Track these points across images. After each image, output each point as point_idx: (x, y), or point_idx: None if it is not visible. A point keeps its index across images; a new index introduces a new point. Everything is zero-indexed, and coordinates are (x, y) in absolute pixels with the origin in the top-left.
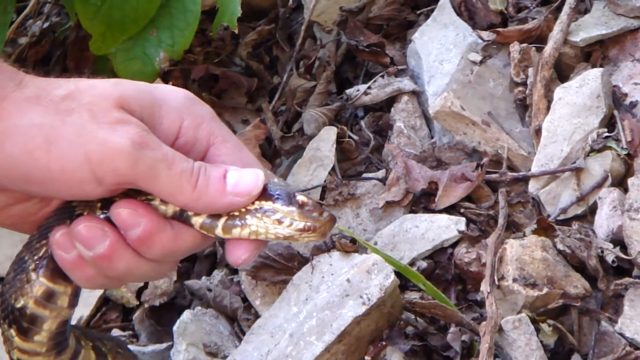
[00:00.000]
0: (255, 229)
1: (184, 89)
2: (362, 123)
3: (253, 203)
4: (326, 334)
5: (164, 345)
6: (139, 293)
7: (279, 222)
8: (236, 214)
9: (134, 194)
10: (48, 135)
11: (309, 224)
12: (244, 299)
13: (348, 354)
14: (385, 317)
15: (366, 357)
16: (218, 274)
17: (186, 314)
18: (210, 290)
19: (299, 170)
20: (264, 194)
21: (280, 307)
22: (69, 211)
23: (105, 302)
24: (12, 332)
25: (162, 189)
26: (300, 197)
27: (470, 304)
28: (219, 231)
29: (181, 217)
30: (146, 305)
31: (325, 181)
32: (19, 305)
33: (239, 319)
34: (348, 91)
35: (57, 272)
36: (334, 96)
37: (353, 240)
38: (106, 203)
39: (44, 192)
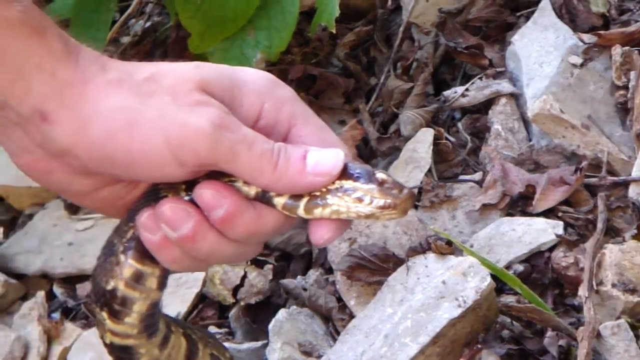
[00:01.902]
0: (336, 208)
1: (266, 72)
2: (459, 125)
3: (334, 183)
4: (421, 336)
5: (260, 343)
6: (235, 291)
7: (360, 200)
8: (317, 194)
9: (217, 175)
10: (130, 118)
11: (388, 201)
12: (339, 299)
13: (443, 356)
14: (480, 320)
15: None
16: (313, 274)
17: (281, 313)
18: (305, 289)
19: (395, 171)
20: (345, 173)
21: (375, 308)
22: (154, 194)
23: (202, 299)
24: (104, 314)
25: (243, 170)
26: (380, 175)
27: (568, 308)
28: (300, 211)
29: (264, 198)
30: (242, 304)
31: (421, 183)
32: (109, 288)
33: (334, 318)
34: (445, 93)
35: (144, 254)
36: (431, 98)
37: (449, 243)
38: (190, 185)
39: (128, 175)
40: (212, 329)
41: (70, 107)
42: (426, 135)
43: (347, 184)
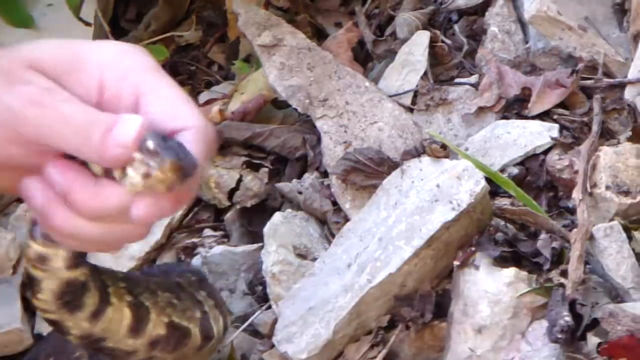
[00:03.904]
0: (129, 181)
1: (121, 43)
2: (456, 27)
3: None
4: (415, 239)
5: (255, 246)
6: (230, 194)
7: (136, 171)
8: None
9: None
10: None
11: (146, 171)
12: (334, 202)
13: (437, 259)
14: (474, 224)
15: (455, 263)
16: (309, 177)
17: (277, 216)
18: (300, 193)
19: (391, 74)
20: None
21: (369, 211)
22: None
23: (197, 202)
24: (28, 291)
25: (64, 146)
26: (150, 143)
27: (562, 211)
28: (124, 185)
29: (109, 174)
30: (237, 207)
31: (417, 86)
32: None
33: (329, 221)
34: None
35: (45, 236)
36: (428, 0)
37: (444, 146)
38: None
39: None
40: (208, 232)
41: None
42: (422, 38)
43: (136, 154)
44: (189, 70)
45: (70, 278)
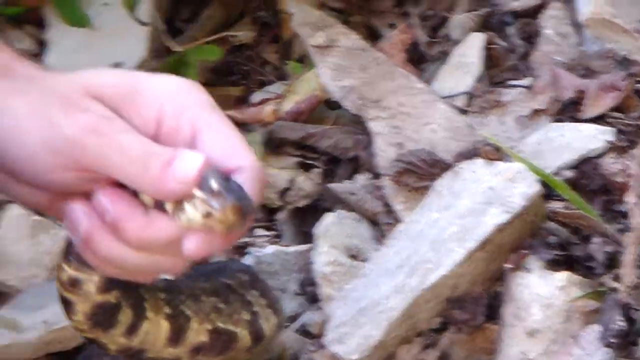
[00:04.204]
0: (187, 217)
1: (179, 78)
2: (510, 29)
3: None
4: (468, 241)
5: (306, 246)
6: (282, 194)
7: (196, 208)
8: (187, 201)
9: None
10: (16, 123)
11: (208, 210)
12: (386, 204)
13: (489, 262)
14: (527, 226)
15: (507, 265)
16: (361, 178)
17: (328, 217)
18: (352, 193)
19: (444, 76)
20: (203, 179)
21: (421, 213)
22: None
23: None
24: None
25: (118, 175)
26: (213, 183)
27: (615, 215)
28: (178, 219)
29: (160, 206)
30: (290, 207)
31: (470, 88)
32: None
33: (380, 223)
34: None
35: (79, 260)
36: (483, 1)
37: (497, 148)
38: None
39: (32, 180)
40: (260, 232)
41: None
42: (476, 40)
43: (196, 191)
44: (242, 70)
45: (102, 301)
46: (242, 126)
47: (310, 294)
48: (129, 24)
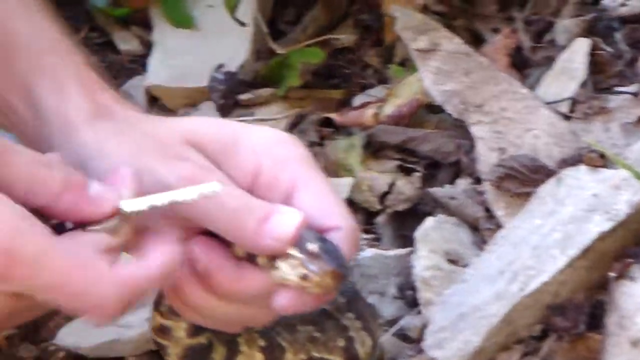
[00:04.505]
0: (280, 274)
1: (276, 131)
2: (617, 35)
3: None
4: (570, 249)
5: (406, 250)
6: (382, 198)
7: (292, 268)
8: (281, 257)
9: None
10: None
11: (305, 272)
12: (487, 209)
13: (591, 270)
14: (632, 234)
15: (611, 274)
16: (462, 183)
17: (429, 221)
18: (453, 198)
19: (549, 81)
20: (300, 239)
21: (523, 219)
22: None
23: (349, 205)
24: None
25: (212, 225)
26: (311, 246)
27: None
28: (270, 274)
29: (250, 258)
30: (389, 210)
31: (575, 94)
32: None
33: (481, 228)
34: (604, 2)
35: (169, 309)
36: (589, 6)
37: (602, 155)
38: None
39: None
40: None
41: None
42: (582, 45)
43: (292, 250)
44: (343, 73)
45: (193, 344)
46: (343, 129)
47: (409, 298)
48: (233, 25)
